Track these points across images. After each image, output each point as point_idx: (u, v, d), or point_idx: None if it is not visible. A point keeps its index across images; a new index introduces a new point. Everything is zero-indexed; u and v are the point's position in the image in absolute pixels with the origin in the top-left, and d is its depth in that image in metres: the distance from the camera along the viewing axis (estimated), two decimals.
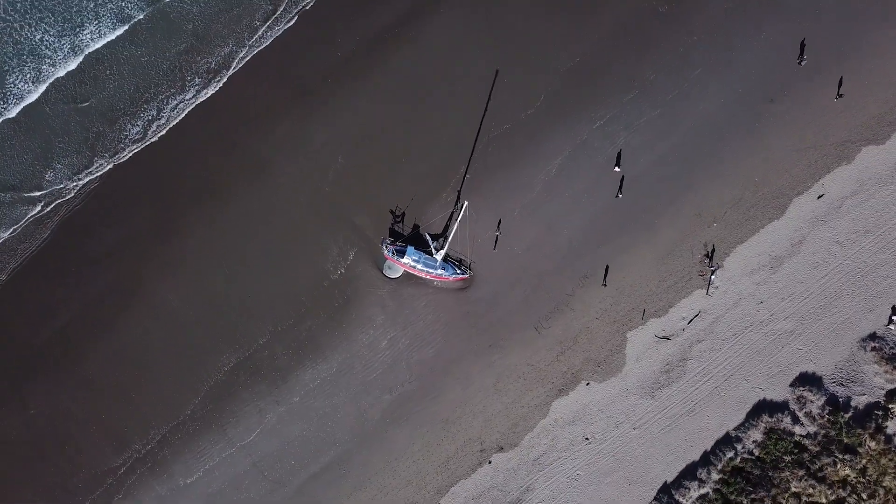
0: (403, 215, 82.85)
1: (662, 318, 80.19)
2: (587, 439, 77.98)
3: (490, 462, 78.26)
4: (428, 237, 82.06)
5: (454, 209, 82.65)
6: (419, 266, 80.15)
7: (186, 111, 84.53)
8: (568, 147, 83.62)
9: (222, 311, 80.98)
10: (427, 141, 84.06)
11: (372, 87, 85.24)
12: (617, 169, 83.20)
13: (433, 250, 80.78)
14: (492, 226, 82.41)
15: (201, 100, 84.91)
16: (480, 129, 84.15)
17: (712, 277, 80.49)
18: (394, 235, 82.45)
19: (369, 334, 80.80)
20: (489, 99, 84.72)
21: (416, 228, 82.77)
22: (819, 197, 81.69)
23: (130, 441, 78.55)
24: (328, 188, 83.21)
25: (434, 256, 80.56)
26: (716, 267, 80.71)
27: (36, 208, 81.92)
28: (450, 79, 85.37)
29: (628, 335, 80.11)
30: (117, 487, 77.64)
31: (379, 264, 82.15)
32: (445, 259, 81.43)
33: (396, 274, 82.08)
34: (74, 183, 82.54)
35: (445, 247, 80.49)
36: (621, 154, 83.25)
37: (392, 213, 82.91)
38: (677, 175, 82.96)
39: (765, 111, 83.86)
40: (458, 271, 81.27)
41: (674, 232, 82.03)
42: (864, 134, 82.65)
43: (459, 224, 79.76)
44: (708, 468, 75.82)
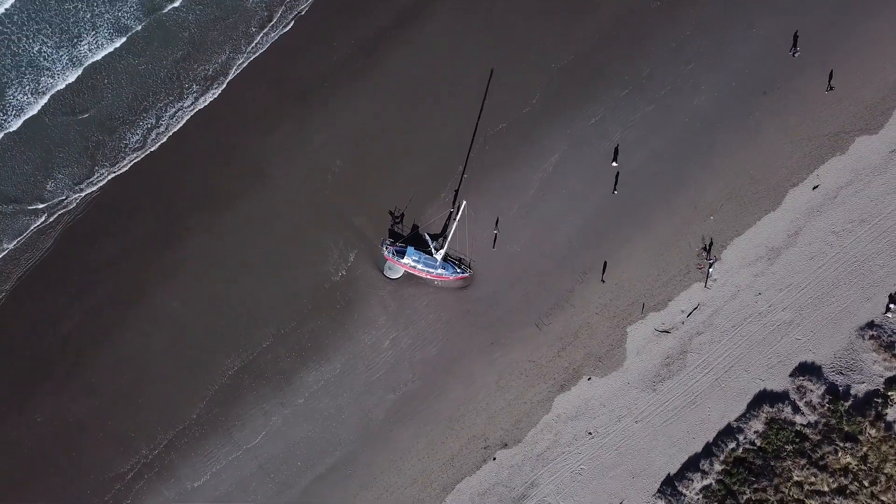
0: (403, 216, 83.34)
1: (662, 312, 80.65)
2: (590, 434, 78.38)
3: (494, 458, 78.58)
4: (427, 237, 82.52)
5: (453, 209, 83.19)
6: (419, 266, 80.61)
7: (185, 118, 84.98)
8: (564, 144, 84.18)
9: (225, 316, 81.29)
10: (425, 141, 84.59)
11: (369, 89, 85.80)
12: (615, 164, 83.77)
13: (433, 250, 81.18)
14: (490, 224, 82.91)
15: (200, 107, 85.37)
16: (477, 129, 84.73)
17: (710, 270, 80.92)
18: (393, 236, 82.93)
19: (371, 335, 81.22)
20: (485, 98, 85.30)
21: (416, 229, 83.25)
22: (814, 188, 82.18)
23: (137, 446, 78.77)
24: (327, 190, 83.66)
25: (434, 256, 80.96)
26: (713, 260, 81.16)
27: (39, 219, 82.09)
28: (445, 79, 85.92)
29: (628, 329, 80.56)
30: (125, 493, 77.90)
31: (379, 265, 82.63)
32: (445, 258, 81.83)
33: (397, 274, 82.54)
34: (76, 193, 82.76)
35: (445, 246, 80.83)
36: (618, 150, 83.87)
37: (391, 214, 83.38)
38: (673, 170, 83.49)
39: (758, 104, 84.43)
40: (458, 270, 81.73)
41: (671, 226, 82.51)
42: (858, 124, 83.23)
43: (458, 223, 79.97)
44: (710, 459, 76.23)
